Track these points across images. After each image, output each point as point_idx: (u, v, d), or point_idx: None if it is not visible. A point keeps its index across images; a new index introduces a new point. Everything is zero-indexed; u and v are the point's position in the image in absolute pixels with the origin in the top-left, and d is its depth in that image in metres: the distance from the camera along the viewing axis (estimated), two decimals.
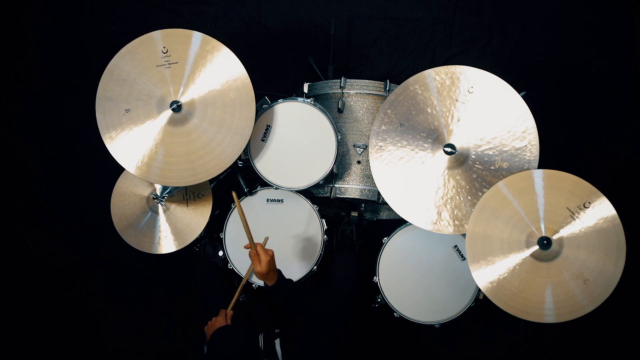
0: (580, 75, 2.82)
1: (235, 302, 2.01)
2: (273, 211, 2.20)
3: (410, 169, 1.98)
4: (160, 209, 2.22)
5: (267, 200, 2.21)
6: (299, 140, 2.12)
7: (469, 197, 1.93)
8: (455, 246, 2.12)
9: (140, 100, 1.95)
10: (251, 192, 2.20)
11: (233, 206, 2.21)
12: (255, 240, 1.83)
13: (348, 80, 2.23)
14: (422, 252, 2.13)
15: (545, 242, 1.74)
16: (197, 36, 1.97)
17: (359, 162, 2.24)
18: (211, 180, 2.24)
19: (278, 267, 1.78)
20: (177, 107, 1.92)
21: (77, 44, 2.90)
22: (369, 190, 2.22)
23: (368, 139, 2.08)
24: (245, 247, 1.82)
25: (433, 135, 1.97)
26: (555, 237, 1.76)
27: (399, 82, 2.07)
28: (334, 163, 2.11)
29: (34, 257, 2.76)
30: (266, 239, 1.92)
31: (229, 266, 2.18)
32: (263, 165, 2.13)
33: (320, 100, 2.27)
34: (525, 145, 1.91)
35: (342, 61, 2.88)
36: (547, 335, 2.63)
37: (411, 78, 2.00)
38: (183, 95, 1.96)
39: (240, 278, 2.16)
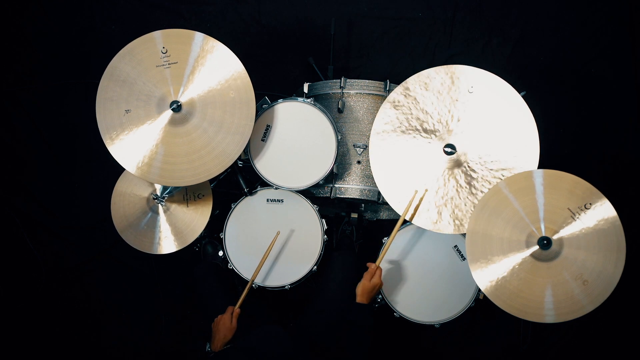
0: (580, 75, 2.82)
1: (242, 301, 2.00)
2: (273, 211, 2.20)
3: (410, 169, 1.98)
4: (161, 209, 2.22)
5: (267, 200, 2.21)
6: (299, 140, 2.12)
7: (469, 197, 1.93)
8: (455, 246, 2.12)
9: (140, 101, 1.95)
10: (251, 192, 2.20)
11: (234, 206, 2.21)
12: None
13: (348, 80, 2.23)
14: (422, 252, 2.13)
15: (545, 242, 1.74)
16: (197, 36, 1.97)
17: (359, 162, 2.24)
18: (211, 180, 2.24)
19: (278, 267, 1.77)
20: (177, 107, 1.92)
21: (77, 44, 2.90)
22: (369, 190, 2.22)
23: (368, 139, 2.08)
24: (369, 264, 1.93)
25: (433, 136, 1.97)
26: (555, 237, 1.76)
27: (399, 82, 2.07)
28: (334, 163, 2.11)
29: (34, 257, 2.75)
30: (278, 233, 2.07)
31: (228, 266, 2.18)
32: (263, 165, 2.13)
33: (320, 100, 2.27)
34: (526, 146, 1.91)
35: (342, 61, 2.88)
36: (547, 335, 2.63)
37: (411, 78, 2.00)
38: (183, 95, 1.96)
39: (240, 278, 2.17)
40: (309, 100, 2.13)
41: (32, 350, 2.71)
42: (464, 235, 2.05)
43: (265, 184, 2.18)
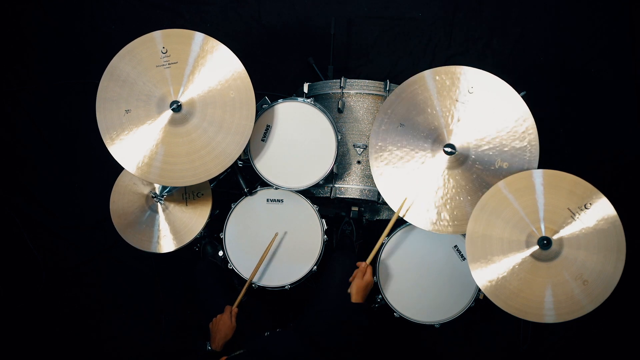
0: (580, 75, 2.82)
1: (240, 300, 2.01)
2: (273, 211, 2.20)
3: (410, 169, 1.98)
4: (160, 207, 2.22)
5: (267, 200, 2.21)
6: (299, 140, 2.12)
7: (469, 197, 1.93)
8: (455, 246, 2.12)
9: (140, 101, 1.95)
10: (251, 192, 2.20)
11: (234, 206, 2.21)
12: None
13: (348, 80, 2.23)
14: (422, 252, 2.13)
15: (545, 242, 1.74)
16: (197, 36, 1.97)
17: (359, 162, 2.24)
18: (211, 180, 2.24)
19: (278, 267, 1.78)
20: (177, 107, 1.92)
21: (77, 44, 2.91)
22: (369, 190, 2.22)
23: (368, 139, 2.08)
24: (359, 263, 1.95)
25: (433, 135, 1.97)
26: (555, 237, 1.76)
27: (399, 82, 2.07)
28: (334, 163, 2.11)
29: (34, 257, 2.76)
30: (276, 235, 2.09)
31: (228, 266, 2.18)
32: (263, 165, 2.13)
33: (320, 100, 2.27)
34: (525, 145, 1.91)
35: (342, 61, 2.88)
36: (547, 335, 2.63)
37: (411, 78, 2.00)
38: (183, 95, 1.96)
39: (240, 278, 2.17)
40: (309, 100, 2.13)
41: (32, 350, 2.71)
42: (464, 235, 2.05)
43: (265, 184, 2.18)
